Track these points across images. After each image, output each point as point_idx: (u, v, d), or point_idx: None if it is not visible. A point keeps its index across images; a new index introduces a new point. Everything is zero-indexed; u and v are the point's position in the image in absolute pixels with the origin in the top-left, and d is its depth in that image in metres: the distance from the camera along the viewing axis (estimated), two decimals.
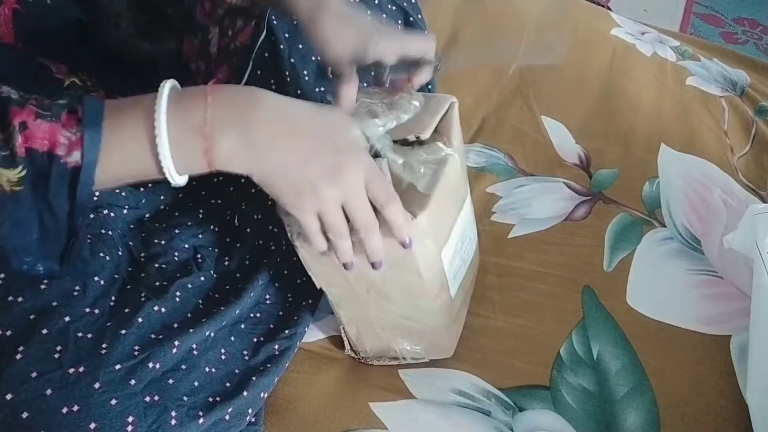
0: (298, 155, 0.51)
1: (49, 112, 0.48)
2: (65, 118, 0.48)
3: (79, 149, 0.48)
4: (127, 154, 0.50)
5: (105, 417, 0.52)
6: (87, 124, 0.48)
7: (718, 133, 1.03)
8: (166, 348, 0.58)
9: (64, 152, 0.48)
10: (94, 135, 0.48)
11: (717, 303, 0.79)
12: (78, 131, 0.48)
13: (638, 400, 0.70)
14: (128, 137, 0.49)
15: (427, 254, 0.59)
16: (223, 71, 0.75)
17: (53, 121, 0.47)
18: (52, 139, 0.47)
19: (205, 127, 0.49)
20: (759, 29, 2.22)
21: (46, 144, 0.47)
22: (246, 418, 0.62)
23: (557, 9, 1.25)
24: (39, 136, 0.47)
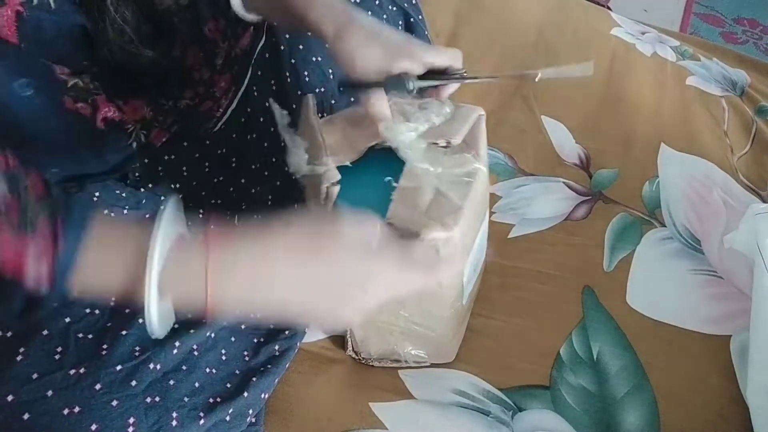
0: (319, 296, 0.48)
1: (25, 222, 0.41)
2: (41, 232, 0.41)
3: (47, 269, 0.41)
4: (108, 281, 0.45)
5: (106, 418, 0.52)
6: (64, 246, 0.42)
7: (718, 133, 1.03)
8: (166, 349, 0.58)
9: (33, 270, 0.41)
10: (68, 263, 0.42)
11: (717, 303, 0.79)
12: (50, 253, 0.41)
13: (638, 400, 0.70)
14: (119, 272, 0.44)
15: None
16: (225, 79, 0.75)
17: (24, 236, 0.41)
18: (18, 261, 0.41)
19: (208, 297, 0.45)
20: (759, 29, 2.21)
21: (9, 268, 0.41)
22: (246, 419, 0.62)
23: (557, 9, 1.25)
24: (5, 250, 0.40)
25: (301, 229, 0.48)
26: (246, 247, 0.46)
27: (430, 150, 0.59)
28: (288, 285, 0.47)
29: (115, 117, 0.67)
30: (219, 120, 0.76)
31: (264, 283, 0.46)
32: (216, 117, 0.76)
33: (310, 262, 0.47)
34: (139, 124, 0.67)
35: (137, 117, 0.70)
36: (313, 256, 0.47)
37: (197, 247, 0.45)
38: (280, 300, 0.47)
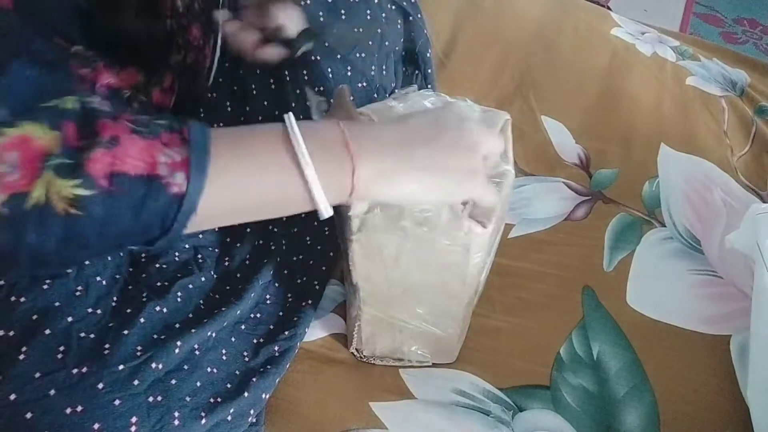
0: (434, 154, 0.50)
1: (147, 128, 0.43)
2: (166, 137, 0.43)
3: (183, 171, 0.43)
4: (259, 179, 0.47)
5: (109, 417, 0.52)
6: (194, 147, 0.43)
7: (718, 133, 1.03)
8: (168, 348, 0.58)
9: (166, 173, 0.42)
10: (200, 157, 0.43)
11: (717, 303, 0.79)
12: (183, 152, 0.43)
13: (638, 400, 0.70)
14: (259, 160, 0.46)
15: (476, 264, 0.60)
16: (197, 27, 0.72)
17: (151, 138, 0.42)
18: (149, 160, 0.42)
19: (349, 147, 0.48)
20: (759, 29, 2.22)
21: (140, 166, 0.41)
22: (248, 418, 0.62)
23: (557, 9, 1.25)
24: (132, 154, 0.41)
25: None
26: (370, 128, 0.51)
27: None
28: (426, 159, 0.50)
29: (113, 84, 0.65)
30: (210, 71, 0.74)
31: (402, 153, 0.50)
32: (206, 68, 0.74)
33: (408, 121, 0.52)
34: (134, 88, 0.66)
35: (132, 83, 0.67)
36: (410, 119, 0.52)
37: (327, 126, 0.49)
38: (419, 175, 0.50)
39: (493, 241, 0.62)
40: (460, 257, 0.58)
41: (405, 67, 0.91)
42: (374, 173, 0.49)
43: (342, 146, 0.48)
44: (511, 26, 1.18)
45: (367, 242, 0.57)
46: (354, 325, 0.68)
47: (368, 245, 0.57)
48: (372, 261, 0.59)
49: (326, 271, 0.76)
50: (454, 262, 0.59)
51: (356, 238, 0.57)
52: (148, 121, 0.43)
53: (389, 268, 0.59)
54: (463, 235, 0.56)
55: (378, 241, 0.57)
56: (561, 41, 1.17)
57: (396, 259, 0.58)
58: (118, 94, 0.64)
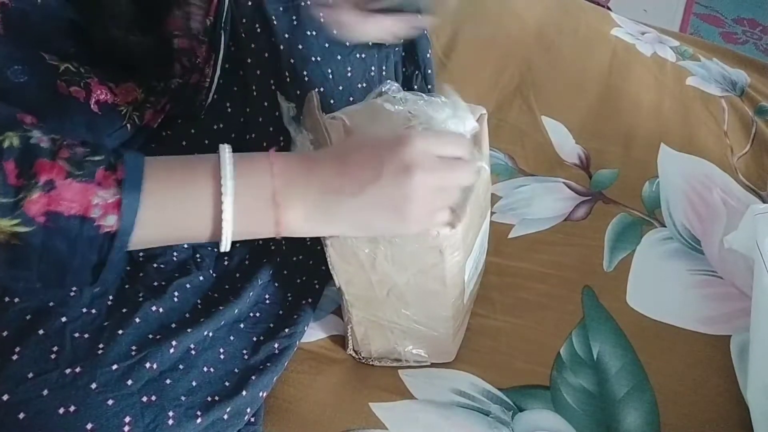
0: (372, 197, 0.51)
1: (82, 171, 0.45)
2: (101, 176, 0.46)
3: (116, 213, 0.46)
4: (181, 218, 0.50)
5: (102, 417, 0.52)
6: (127, 186, 0.46)
7: (718, 133, 1.03)
8: (163, 348, 0.58)
9: (98, 215, 0.45)
10: (133, 198, 0.46)
11: (717, 303, 0.79)
12: (116, 194, 0.46)
13: (638, 400, 0.69)
14: (187, 201, 0.49)
15: (454, 264, 0.60)
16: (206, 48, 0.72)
17: (85, 181, 0.45)
18: (83, 202, 0.45)
19: (276, 196, 0.50)
20: (759, 29, 2.22)
21: (74, 207, 0.44)
22: (244, 417, 0.62)
23: (557, 9, 1.25)
24: (67, 197, 0.44)
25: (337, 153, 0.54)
26: (298, 158, 0.53)
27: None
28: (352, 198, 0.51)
29: (108, 99, 0.66)
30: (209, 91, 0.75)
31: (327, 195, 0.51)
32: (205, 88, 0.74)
33: (345, 159, 0.52)
34: (131, 106, 0.66)
35: (129, 99, 0.69)
36: (347, 156, 0.53)
37: (261, 168, 0.51)
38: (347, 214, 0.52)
39: (472, 240, 0.62)
40: (435, 258, 0.58)
41: (405, 67, 0.91)
42: (301, 219, 0.51)
43: (269, 198, 0.50)
44: (511, 26, 1.18)
45: (340, 247, 0.58)
46: (347, 327, 0.68)
47: (342, 250, 0.58)
48: (350, 265, 0.59)
49: (326, 271, 0.76)
50: (430, 264, 0.59)
51: (330, 243, 0.58)
52: (84, 159, 0.45)
53: (368, 272, 0.59)
54: (432, 239, 0.56)
55: (351, 246, 0.58)
56: (561, 41, 1.17)
57: (373, 262, 0.58)
58: (114, 111, 0.66)
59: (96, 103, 0.65)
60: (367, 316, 0.65)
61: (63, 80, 0.62)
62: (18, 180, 0.43)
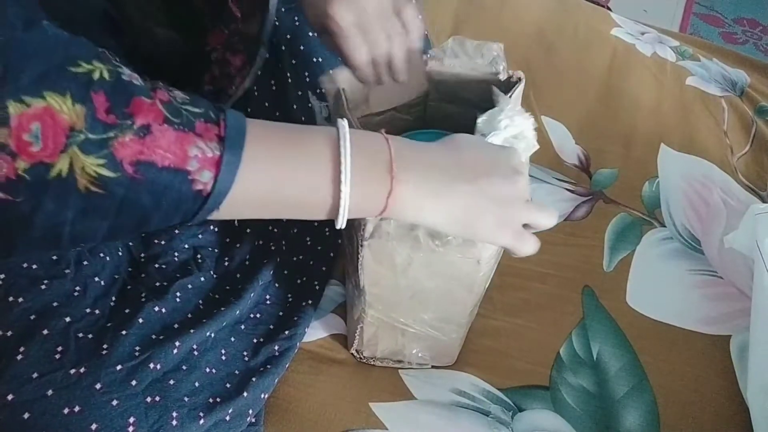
0: (482, 191, 0.50)
1: (180, 119, 0.41)
2: (201, 128, 0.41)
3: (213, 170, 0.41)
4: (291, 182, 0.45)
5: (106, 417, 0.52)
6: (229, 146, 0.41)
7: (718, 133, 1.03)
8: (166, 348, 0.58)
9: (195, 168, 0.41)
10: (234, 156, 0.42)
11: (717, 303, 0.79)
12: (217, 149, 0.41)
13: (638, 400, 0.70)
14: (297, 164, 0.45)
15: (485, 273, 0.60)
16: (240, 57, 0.71)
17: (184, 130, 0.41)
18: (180, 152, 0.40)
19: (392, 164, 0.47)
20: (759, 29, 2.22)
21: (169, 158, 0.40)
22: (246, 418, 0.62)
23: (557, 9, 1.25)
24: (163, 146, 0.40)
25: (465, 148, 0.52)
26: (407, 141, 0.50)
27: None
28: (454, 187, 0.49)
29: None
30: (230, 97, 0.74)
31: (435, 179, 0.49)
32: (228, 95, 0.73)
33: (457, 152, 0.51)
34: None
35: None
36: (458, 150, 0.51)
37: (376, 140, 0.48)
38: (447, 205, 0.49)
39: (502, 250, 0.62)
40: (470, 268, 0.58)
41: None
42: (410, 197, 0.48)
43: (386, 166, 0.47)
44: (511, 26, 1.18)
45: (378, 248, 0.57)
46: (356, 327, 0.67)
47: (379, 251, 0.57)
48: (382, 266, 0.59)
49: (326, 272, 0.76)
50: (464, 273, 0.59)
51: (368, 244, 0.57)
52: (183, 108, 0.42)
53: (398, 275, 0.58)
54: (476, 250, 0.56)
55: (389, 249, 0.57)
56: (561, 41, 1.17)
57: (406, 266, 0.58)
58: None
59: None
60: (382, 318, 0.65)
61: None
62: (108, 116, 0.38)
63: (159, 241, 0.70)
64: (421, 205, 0.49)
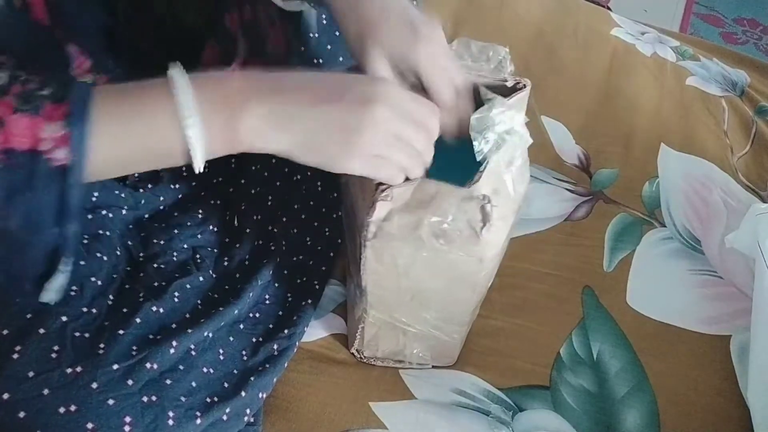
0: (327, 114, 0.50)
1: (29, 105, 0.45)
2: (48, 110, 0.45)
3: (65, 146, 0.45)
4: (141, 138, 0.48)
5: (102, 417, 0.52)
6: (74, 119, 0.45)
7: (718, 133, 1.03)
8: (163, 348, 0.58)
9: (48, 148, 0.45)
10: (80, 130, 0.45)
11: (717, 303, 0.79)
12: (64, 126, 0.45)
13: (638, 400, 0.70)
14: (141, 119, 0.48)
15: (488, 272, 0.60)
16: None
17: (32, 115, 0.44)
18: (32, 136, 0.44)
19: (236, 96, 0.48)
20: (759, 29, 2.22)
21: (25, 142, 0.44)
22: (244, 418, 0.62)
23: (557, 9, 1.25)
24: (17, 133, 0.44)
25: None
26: (261, 70, 0.51)
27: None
28: (302, 110, 0.50)
29: None
30: None
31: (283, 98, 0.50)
32: None
33: (313, 76, 0.52)
34: None
35: None
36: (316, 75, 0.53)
37: (217, 78, 0.50)
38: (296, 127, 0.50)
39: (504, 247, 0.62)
40: (473, 267, 0.58)
41: None
42: (257, 123, 0.49)
43: (227, 101, 0.48)
44: (511, 26, 1.18)
45: (381, 249, 0.57)
46: (357, 327, 0.67)
47: (382, 252, 0.57)
48: (384, 267, 0.59)
49: (326, 272, 0.76)
50: (467, 272, 0.59)
51: (371, 244, 0.57)
52: (33, 93, 0.45)
53: (401, 275, 0.58)
54: (479, 249, 0.56)
55: (392, 249, 0.57)
56: (561, 41, 1.17)
57: (409, 266, 0.58)
58: None
59: None
60: (383, 318, 0.65)
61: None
62: None
63: (158, 241, 0.70)
64: (270, 131, 0.50)
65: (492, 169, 0.55)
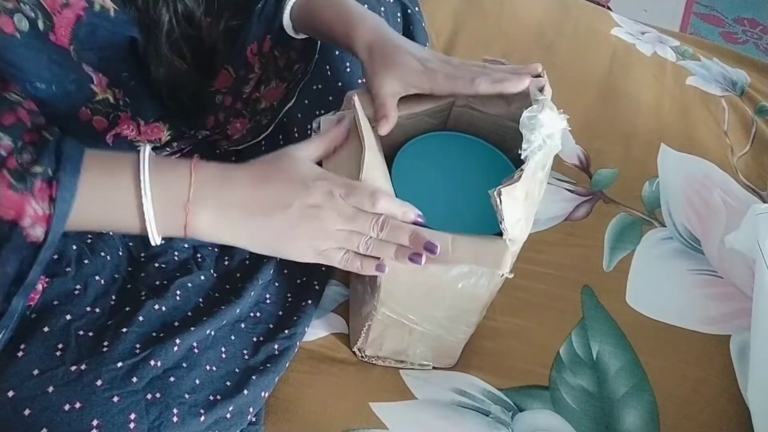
0: (271, 225, 0.55)
1: (23, 184, 0.48)
2: (38, 189, 0.48)
3: (44, 226, 0.49)
4: (109, 214, 0.53)
5: (107, 414, 0.52)
6: (59, 203, 0.49)
7: (718, 133, 1.03)
8: (167, 346, 0.58)
9: (29, 224, 0.48)
10: (61, 214, 0.49)
11: (717, 303, 0.79)
12: (47, 209, 0.49)
13: (638, 400, 0.70)
14: (113, 200, 0.52)
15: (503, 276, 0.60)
16: (242, 122, 0.77)
17: (24, 193, 0.48)
18: (18, 210, 0.48)
19: (188, 203, 0.53)
20: (759, 29, 2.22)
21: (10, 213, 0.47)
22: (247, 417, 0.62)
23: (557, 9, 1.25)
24: (6, 204, 0.47)
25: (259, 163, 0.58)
26: (218, 172, 0.56)
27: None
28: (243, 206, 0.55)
29: (129, 136, 0.69)
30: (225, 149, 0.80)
31: (228, 200, 0.55)
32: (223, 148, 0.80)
33: (260, 186, 0.55)
34: (151, 144, 0.67)
35: (153, 138, 0.72)
36: (263, 183, 0.56)
37: (178, 176, 0.54)
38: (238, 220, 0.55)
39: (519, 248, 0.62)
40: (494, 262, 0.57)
41: None
42: (207, 225, 0.54)
43: (181, 202, 0.53)
44: (511, 26, 1.18)
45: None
46: (363, 325, 0.67)
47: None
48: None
49: (326, 272, 0.76)
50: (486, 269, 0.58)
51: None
52: (27, 171, 0.48)
53: (417, 271, 0.58)
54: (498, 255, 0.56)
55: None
56: (561, 41, 1.17)
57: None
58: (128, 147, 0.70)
59: (114, 136, 0.68)
60: (393, 316, 0.65)
61: (88, 108, 0.64)
62: None
63: None
64: (218, 235, 0.55)
65: (529, 171, 0.56)
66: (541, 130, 0.56)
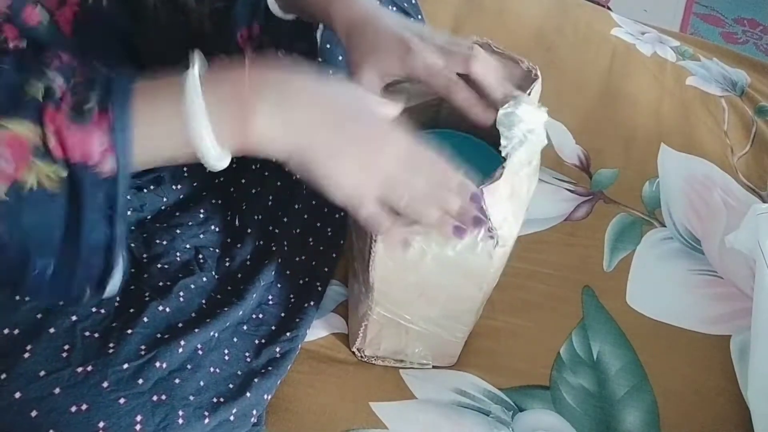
0: (339, 137, 0.50)
1: (82, 116, 0.45)
2: (97, 118, 0.45)
3: (112, 155, 0.46)
4: (161, 137, 0.48)
5: (113, 416, 0.52)
6: (117, 127, 0.46)
7: (718, 133, 1.03)
8: (172, 348, 0.58)
9: (97, 160, 0.45)
10: (125, 138, 0.46)
11: (717, 303, 0.79)
12: (109, 139, 0.46)
13: (638, 400, 0.70)
14: (163, 119, 0.48)
15: (496, 271, 0.60)
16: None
17: (85, 126, 0.45)
18: (84, 149, 0.45)
19: (244, 92, 0.48)
20: (759, 29, 2.22)
21: (77, 155, 0.45)
22: (250, 419, 0.62)
23: (557, 9, 1.25)
24: (69, 146, 0.45)
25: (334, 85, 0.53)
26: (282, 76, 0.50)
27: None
28: (317, 115, 0.50)
29: None
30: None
31: (299, 104, 0.50)
32: None
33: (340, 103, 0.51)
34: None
35: None
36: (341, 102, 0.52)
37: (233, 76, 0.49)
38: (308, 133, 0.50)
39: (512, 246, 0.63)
40: (483, 262, 0.58)
41: None
42: (272, 124, 0.49)
43: (241, 100, 0.48)
44: (511, 26, 1.18)
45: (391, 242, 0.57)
46: (360, 325, 0.67)
47: (392, 246, 0.57)
48: (393, 261, 0.59)
49: (328, 272, 0.76)
50: (476, 268, 0.59)
51: (382, 239, 0.57)
52: (84, 104, 0.45)
53: (409, 271, 0.58)
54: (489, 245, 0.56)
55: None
56: (561, 41, 1.17)
57: (418, 261, 0.58)
58: None
59: None
60: (388, 315, 0.65)
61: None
62: (37, 128, 0.44)
63: (160, 242, 0.70)
64: (287, 138, 0.50)
65: (512, 167, 0.55)
66: (520, 126, 0.55)
